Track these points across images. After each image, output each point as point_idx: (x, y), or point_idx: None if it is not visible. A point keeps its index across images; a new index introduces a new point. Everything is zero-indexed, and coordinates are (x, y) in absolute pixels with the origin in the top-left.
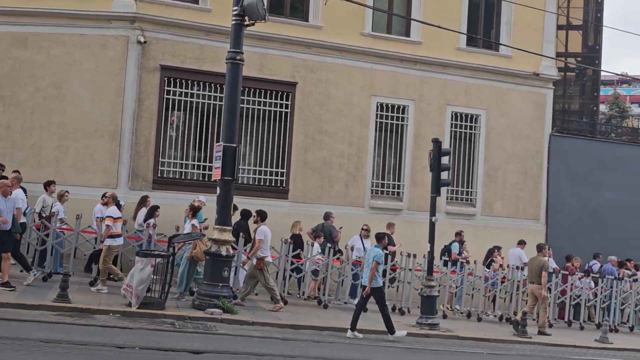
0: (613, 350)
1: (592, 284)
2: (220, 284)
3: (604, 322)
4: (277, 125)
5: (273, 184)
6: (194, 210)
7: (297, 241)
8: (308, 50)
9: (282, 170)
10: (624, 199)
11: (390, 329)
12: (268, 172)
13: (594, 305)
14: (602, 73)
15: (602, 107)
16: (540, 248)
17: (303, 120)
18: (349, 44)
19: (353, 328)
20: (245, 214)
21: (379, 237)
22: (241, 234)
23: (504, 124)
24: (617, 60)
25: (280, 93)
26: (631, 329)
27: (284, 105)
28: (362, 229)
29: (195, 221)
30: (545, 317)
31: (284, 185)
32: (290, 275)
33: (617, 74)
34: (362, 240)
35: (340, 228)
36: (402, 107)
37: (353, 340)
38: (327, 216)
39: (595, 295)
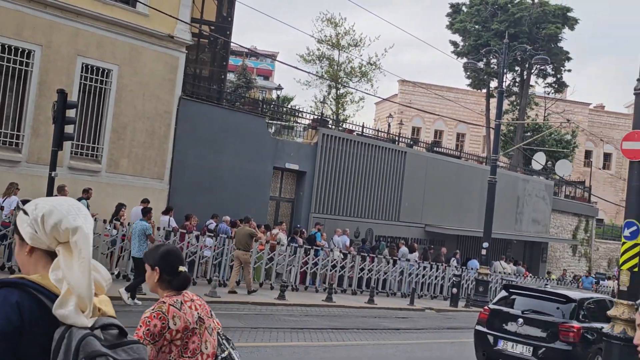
0: (219, 303)
1: (209, 242)
2: None
3: (215, 277)
4: None
5: None
6: None
7: None
8: None
9: None
10: (242, 164)
11: (133, 293)
12: None
13: (208, 261)
14: (234, 44)
15: (231, 76)
16: (247, 220)
17: None
18: None
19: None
20: None
21: (145, 211)
22: None
23: (136, 82)
24: (249, 34)
25: None
26: (237, 282)
27: None
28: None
29: None
30: (250, 278)
31: None
32: None
33: (246, 47)
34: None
35: None
36: (27, 51)
37: None
38: None
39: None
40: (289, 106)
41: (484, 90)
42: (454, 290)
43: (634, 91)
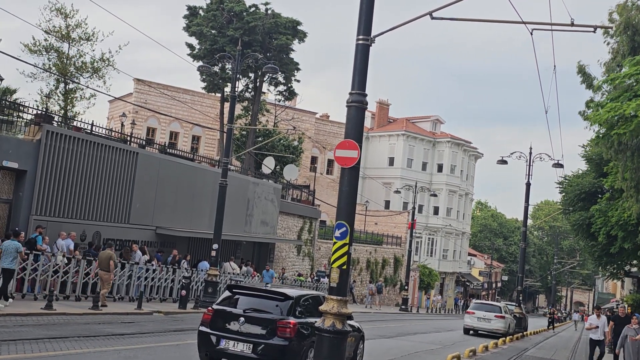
0: None
1: None
2: None
3: None
4: None
5: None
6: None
7: None
8: None
9: None
10: None
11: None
12: None
13: None
14: None
15: None
16: (110, 245)
17: None
18: None
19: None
20: None
21: (17, 233)
22: None
23: None
24: None
25: None
26: None
27: None
28: None
29: None
30: (105, 295)
31: None
32: None
33: None
34: None
35: None
36: None
37: None
38: None
39: None
40: (10, 99)
41: (219, 94)
42: (183, 292)
43: (346, 104)
